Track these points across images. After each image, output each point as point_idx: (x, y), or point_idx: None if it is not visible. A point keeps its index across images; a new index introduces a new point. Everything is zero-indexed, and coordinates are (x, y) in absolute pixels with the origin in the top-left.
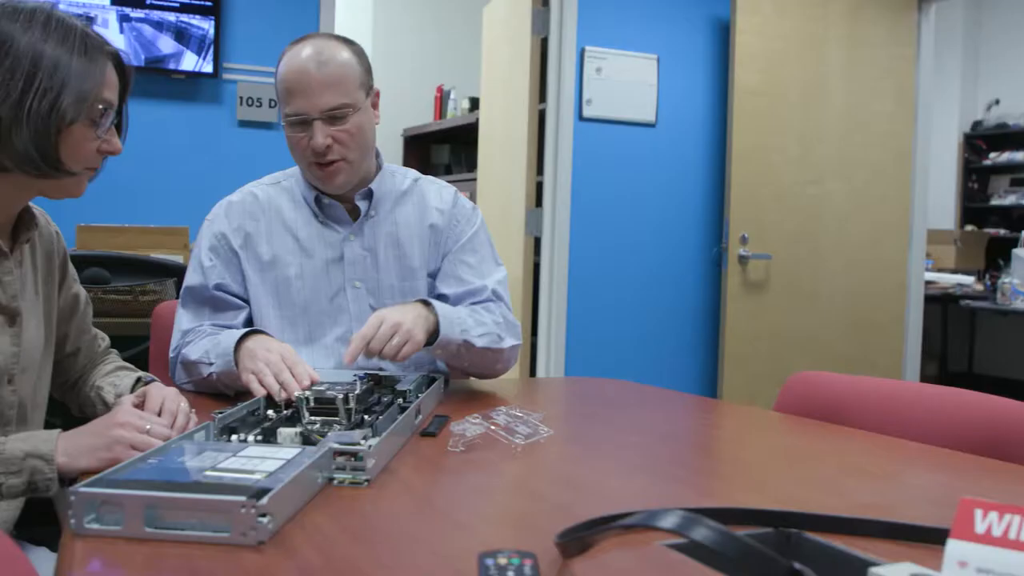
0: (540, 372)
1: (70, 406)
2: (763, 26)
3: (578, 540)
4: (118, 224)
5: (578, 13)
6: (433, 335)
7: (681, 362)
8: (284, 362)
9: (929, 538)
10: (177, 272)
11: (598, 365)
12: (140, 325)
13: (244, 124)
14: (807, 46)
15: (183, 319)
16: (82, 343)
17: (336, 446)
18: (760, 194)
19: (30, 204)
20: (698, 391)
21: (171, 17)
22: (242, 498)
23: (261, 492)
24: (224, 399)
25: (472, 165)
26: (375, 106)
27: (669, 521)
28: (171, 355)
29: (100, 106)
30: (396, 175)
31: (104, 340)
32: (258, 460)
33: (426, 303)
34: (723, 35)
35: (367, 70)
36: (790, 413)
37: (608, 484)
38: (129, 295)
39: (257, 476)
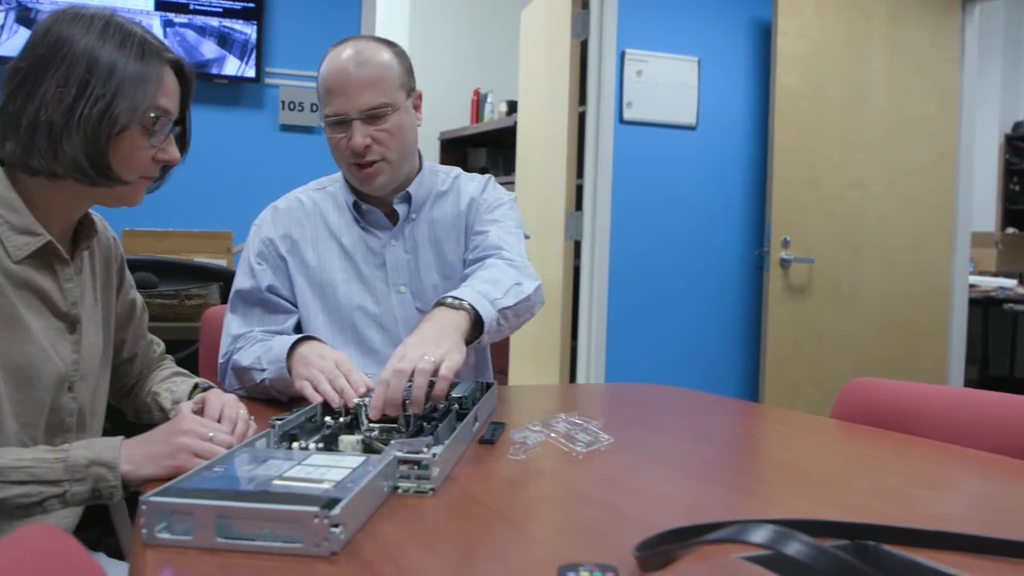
0: (580, 376)
1: (126, 412)
2: (804, 28)
3: (660, 554)
4: (162, 228)
5: (618, 15)
6: (473, 329)
7: (722, 366)
8: (339, 369)
9: (1019, 553)
10: (221, 276)
11: (639, 369)
12: (186, 329)
13: (286, 128)
14: (849, 48)
15: (232, 324)
16: (138, 349)
17: (400, 455)
18: (802, 197)
19: (89, 211)
20: (739, 395)
21: (214, 22)
22: (315, 508)
23: (332, 502)
24: (278, 405)
25: (509, 168)
26: (417, 108)
27: (760, 536)
28: (221, 361)
29: (153, 114)
30: (438, 174)
31: (159, 346)
32: (324, 469)
33: (444, 302)
34: (764, 37)
35: (408, 71)
36: (847, 420)
37: (674, 493)
38: (175, 299)
39: (325, 485)
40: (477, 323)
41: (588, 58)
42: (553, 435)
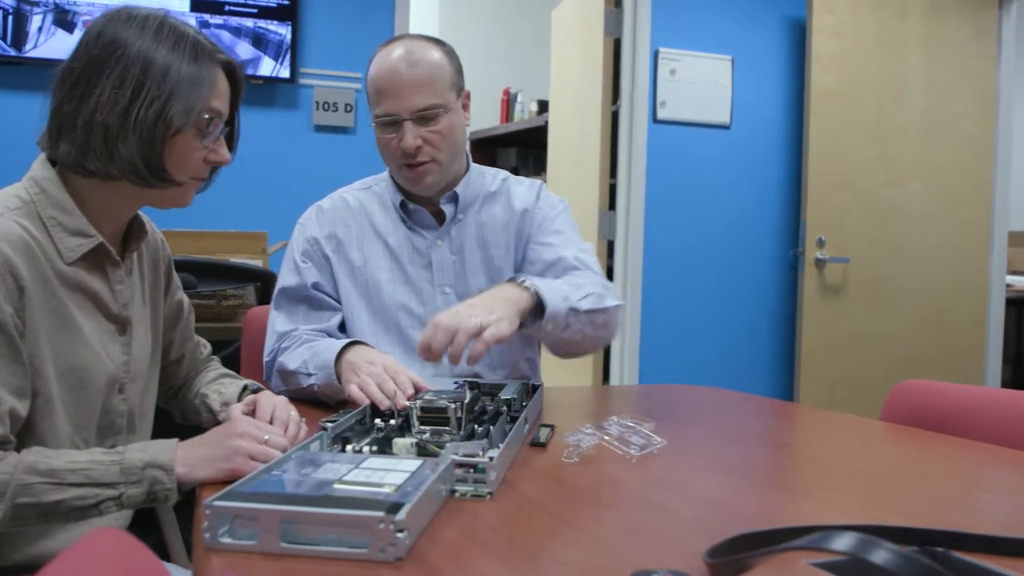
0: (614, 377)
1: (173, 413)
2: (840, 26)
3: (733, 561)
4: (197, 229)
5: (652, 14)
6: (533, 314)
7: (756, 367)
8: (387, 372)
9: None
10: (258, 276)
11: (672, 370)
12: (223, 330)
13: (320, 129)
14: (885, 46)
15: (277, 321)
16: (186, 350)
17: (458, 458)
18: (837, 196)
19: (138, 212)
20: (773, 396)
21: (249, 23)
22: (380, 513)
23: (396, 506)
24: (325, 407)
25: (540, 168)
26: (465, 107)
27: (844, 543)
28: (266, 359)
29: (206, 115)
30: (486, 175)
31: (206, 347)
32: (382, 472)
33: (517, 281)
34: (798, 35)
35: (458, 70)
36: (896, 422)
37: (733, 498)
38: (212, 300)
39: (386, 489)
40: (539, 310)
41: (621, 57)
42: (606, 438)
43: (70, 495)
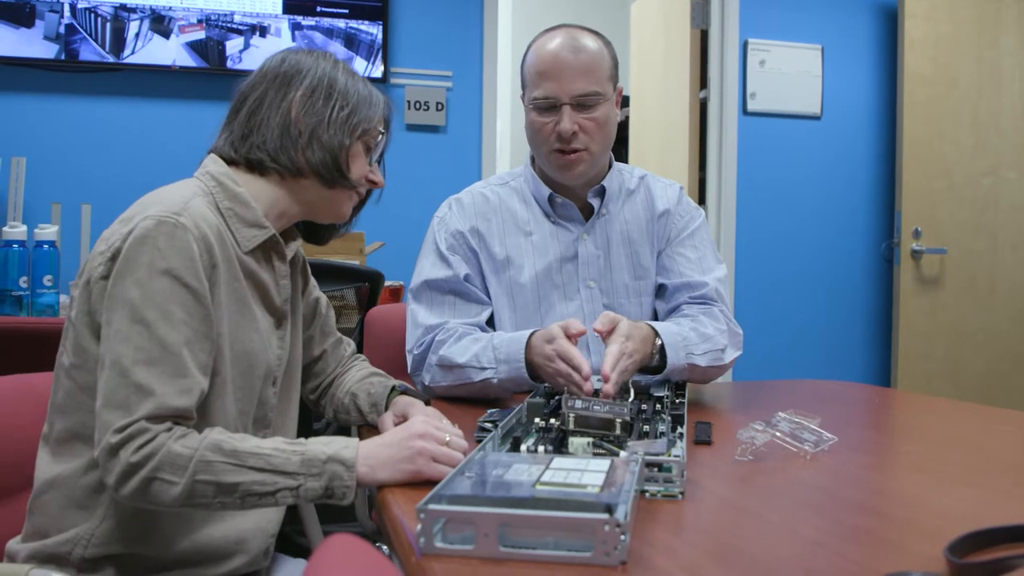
0: None
1: (324, 412)
2: (933, 11)
3: (998, 563)
4: None
5: (739, 4)
6: (654, 363)
7: (852, 360)
8: (562, 360)
9: None
10: (358, 277)
11: (766, 363)
12: None
13: (412, 128)
14: (980, 30)
15: (420, 313)
16: (327, 346)
17: (649, 457)
18: (933, 186)
19: None
20: None
21: (340, 24)
22: (604, 515)
23: (611, 507)
24: (466, 406)
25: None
26: (617, 103)
27: None
28: (415, 352)
29: (381, 128)
30: (624, 172)
31: (350, 345)
32: (576, 473)
33: (655, 331)
34: (889, 22)
35: (615, 64)
36: None
37: (928, 497)
38: None
39: (591, 490)
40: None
41: (709, 48)
42: (778, 434)
43: (249, 479)
